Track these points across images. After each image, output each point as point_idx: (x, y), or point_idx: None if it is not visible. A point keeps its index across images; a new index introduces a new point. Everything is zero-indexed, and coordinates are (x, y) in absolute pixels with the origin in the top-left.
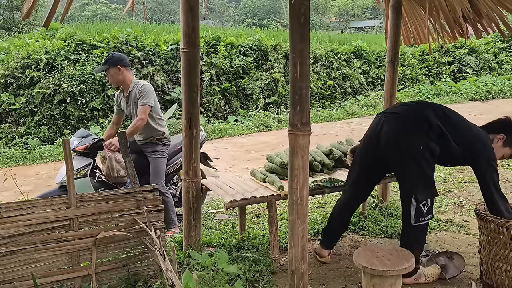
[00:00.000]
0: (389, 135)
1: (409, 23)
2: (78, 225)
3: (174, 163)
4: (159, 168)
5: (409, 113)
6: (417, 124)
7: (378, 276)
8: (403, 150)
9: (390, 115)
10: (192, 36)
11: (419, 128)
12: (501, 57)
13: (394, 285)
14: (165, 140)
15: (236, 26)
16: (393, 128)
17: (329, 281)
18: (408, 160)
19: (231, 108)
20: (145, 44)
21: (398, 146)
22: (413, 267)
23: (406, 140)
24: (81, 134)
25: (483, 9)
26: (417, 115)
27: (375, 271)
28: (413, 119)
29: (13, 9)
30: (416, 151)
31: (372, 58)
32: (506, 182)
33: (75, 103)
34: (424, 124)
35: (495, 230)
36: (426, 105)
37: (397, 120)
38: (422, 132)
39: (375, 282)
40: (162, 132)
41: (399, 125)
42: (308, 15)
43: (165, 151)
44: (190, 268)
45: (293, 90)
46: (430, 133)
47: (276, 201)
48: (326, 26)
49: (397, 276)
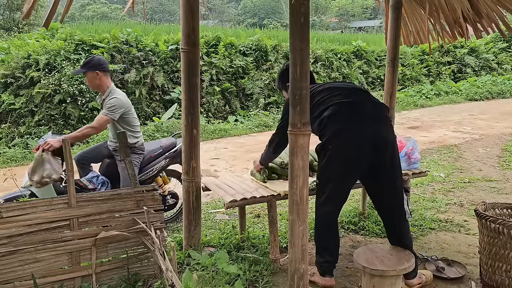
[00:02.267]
0: (387, 142)
1: (409, 23)
2: (78, 225)
3: (150, 170)
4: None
5: (380, 109)
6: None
7: (378, 276)
8: (395, 150)
9: (370, 118)
10: (192, 36)
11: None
12: (501, 57)
13: (394, 285)
14: (136, 149)
15: (236, 26)
16: (385, 133)
17: None
18: (398, 157)
19: (231, 108)
20: (145, 44)
21: (393, 148)
22: (413, 267)
23: (394, 137)
24: (48, 137)
25: (483, 9)
26: (384, 108)
27: (375, 271)
28: (385, 114)
29: (13, 9)
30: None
31: (372, 58)
32: (506, 182)
33: (75, 103)
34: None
35: (495, 230)
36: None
37: (385, 124)
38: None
39: (375, 282)
40: (133, 142)
41: (388, 128)
42: (308, 15)
43: (136, 159)
44: (190, 268)
45: (293, 90)
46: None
47: (276, 201)
48: (326, 26)
49: (397, 276)
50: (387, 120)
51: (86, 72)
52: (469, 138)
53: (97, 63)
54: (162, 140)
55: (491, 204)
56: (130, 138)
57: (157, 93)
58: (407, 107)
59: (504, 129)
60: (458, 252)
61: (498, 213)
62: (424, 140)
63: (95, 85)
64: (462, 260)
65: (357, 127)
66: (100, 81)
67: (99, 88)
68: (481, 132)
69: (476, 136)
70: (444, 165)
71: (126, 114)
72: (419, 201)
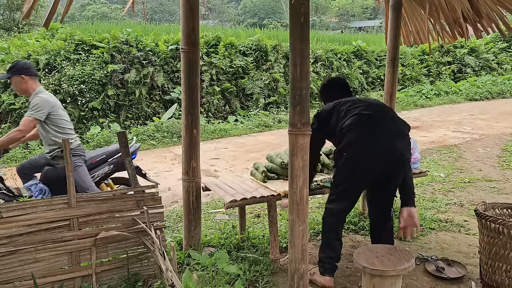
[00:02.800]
0: (401, 157)
1: (409, 23)
2: (78, 225)
3: (91, 176)
4: (80, 179)
5: (398, 124)
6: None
7: (378, 276)
8: (407, 167)
9: (387, 131)
10: (192, 36)
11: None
12: (501, 57)
13: (394, 285)
14: (73, 151)
15: (236, 26)
16: (400, 148)
17: None
18: (410, 176)
19: (231, 108)
20: (145, 44)
21: (405, 164)
22: (413, 266)
23: (408, 155)
24: None
25: (483, 9)
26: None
27: (375, 271)
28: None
29: (13, 9)
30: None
31: (372, 58)
32: (506, 182)
33: (75, 103)
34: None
35: (495, 230)
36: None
37: (402, 140)
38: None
39: (375, 282)
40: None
41: (404, 144)
42: (308, 15)
43: (77, 160)
44: (190, 268)
45: (293, 90)
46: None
47: (276, 201)
48: (326, 26)
49: (397, 276)
50: (404, 137)
51: (11, 77)
52: (469, 138)
53: (22, 67)
54: (108, 147)
55: (491, 204)
56: (59, 140)
57: (157, 93)
58: (407, 107)
59: (504, 129)
60: (458, 252)
61: (498, 213)
62: (424, 140)
63: (22, 89)
64: (462, 260)
65: (372, 136)
66: (27, 85)
67: (25, 92)
68: (481, 132)
69: (476, 136)
70: (444, 165)
71: (53, 115)
72: (419, 201)
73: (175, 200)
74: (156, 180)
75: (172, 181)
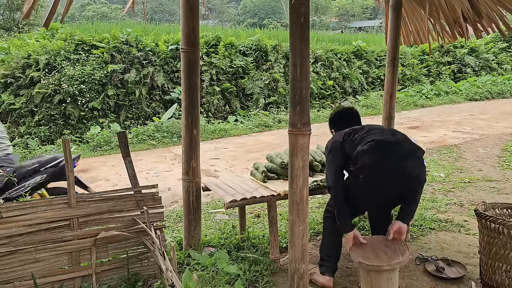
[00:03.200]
0: (417, 179)
1: (409, 23)
2: (78, 225)
3: (21, 186)
4: None
5: (411, 148)
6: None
7: (374, 271)
8: (420, 189)
9: (402, 155)
10: (192, 36)
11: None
12: (501, 57)
13: (391, 280)
14: (1, 161)
15: (236, 26)
16: (413, 171)
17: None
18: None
19: (231, 108)
20: (145, 44)
21: (418, 186)
22: (408, 258)
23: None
24: None
25: (483, 9)
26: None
27: (370, 267)
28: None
29: (13, 9)
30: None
31: (372, 58)
32: (506, 182)
33: (75, 103)
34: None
35: (495, 230)
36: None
37: (415, 163)
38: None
39: (372, 277)
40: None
41: (417, 166)
42: (308, 15)
43: (4, 169)
44: (190, 268)
45: (293, 90)
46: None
47: (276, 201)
48: (326, 26)
49: (393, 270)
50: (416, 157)
51: None
52: (469, 138)
53: None
54: (42, 156)
55: (491, 204)
56: None
57: (157, 93)
58: (407, 107)
59: (504, 129)
60: (458, 252)
61: (498, 213)
62: (424, 140)
63: None
64: (462, 260)
65: (387, 160)
66: None
67: None
68: (481, 132)
69: (476, 136)
70: (444, 165)
71: None
72: (419, 201)
73: (175, 200)
74: (156, 180)
75: (172, 181)
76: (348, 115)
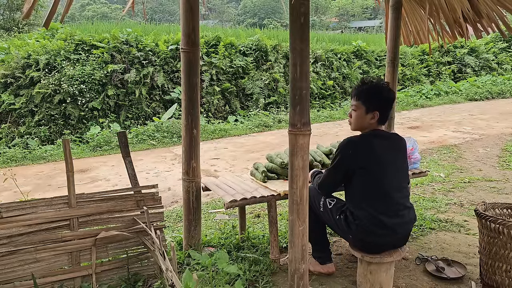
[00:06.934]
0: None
1: (409, 23)
2: (78, 225)
3: None
4: None
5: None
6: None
7: (375, 264)
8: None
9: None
10: (192, 36)
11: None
12: (501, 57)
13: (389, 270)
14: None
15: (236, 26)
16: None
17: (329, 281)
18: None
19: (231, 108)
20: (145, 44)
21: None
22: (406, 250)
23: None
24: None
25: (483, 9)
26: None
27: (373, 259)
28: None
29: (13, 9)
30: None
31: (372, 58)
32: (506, 182)
33: (75, 103)
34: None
35: (495, 230)
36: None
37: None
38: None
39: (371, 269)
40: None
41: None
42: (308, 15)
43: None
44: (190, 268)
45: (293, 90)
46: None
47: (276, 201)
48: (326, 26)
49: (391, 262)
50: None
51: None
52: (469, 138)
53: None
54: None
55: (491, 204)
56: None
57: (157, 93)
58: (407, 107)
59: (504, 129)
60: (458, 252)
61: (498, 213)
62: (424, 140)
63: None
64: (462, 260)
65: (393, 233)
66: None
67: None
68: (481, 132)
69: (476, 136)
70: (444, 165)
71: None
72: (419, 201)
73: (175, 200)
74: (156, 180)
75: (172, 181)
76: (391, 101)
